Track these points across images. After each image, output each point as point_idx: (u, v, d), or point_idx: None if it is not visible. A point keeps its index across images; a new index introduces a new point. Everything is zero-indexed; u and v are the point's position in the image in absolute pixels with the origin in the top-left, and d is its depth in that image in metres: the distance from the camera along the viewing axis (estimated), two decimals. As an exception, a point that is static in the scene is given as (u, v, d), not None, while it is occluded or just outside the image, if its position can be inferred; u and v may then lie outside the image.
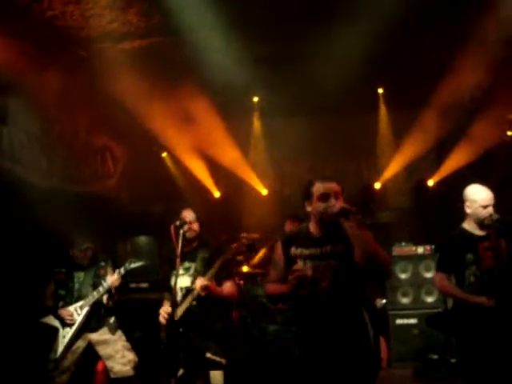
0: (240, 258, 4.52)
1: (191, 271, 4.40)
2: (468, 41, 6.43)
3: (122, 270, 4.99)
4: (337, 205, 3.17)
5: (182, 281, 4.36)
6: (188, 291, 4.29)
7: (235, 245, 4.25)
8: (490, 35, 6.25)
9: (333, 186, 3.27)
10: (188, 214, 4.46)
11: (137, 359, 5.10)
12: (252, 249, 4.29)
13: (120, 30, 6.17)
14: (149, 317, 5.33)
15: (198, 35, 6.02)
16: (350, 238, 3.11)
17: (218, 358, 4.24)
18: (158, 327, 4.37)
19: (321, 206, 3.23)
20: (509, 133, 8.50)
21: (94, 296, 4.97)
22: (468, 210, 4.16)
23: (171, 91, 7.26)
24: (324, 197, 3.23)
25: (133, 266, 5.05)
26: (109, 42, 6.38)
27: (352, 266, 3.15)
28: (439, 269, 4.22)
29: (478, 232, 4.13)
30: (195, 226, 4.46)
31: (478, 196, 4.12)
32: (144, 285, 6.65)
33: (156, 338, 4.44)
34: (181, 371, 4.20)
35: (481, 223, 4.09)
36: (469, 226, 4.17)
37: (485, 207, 4.07)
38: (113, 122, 7.52)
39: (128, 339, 5.19)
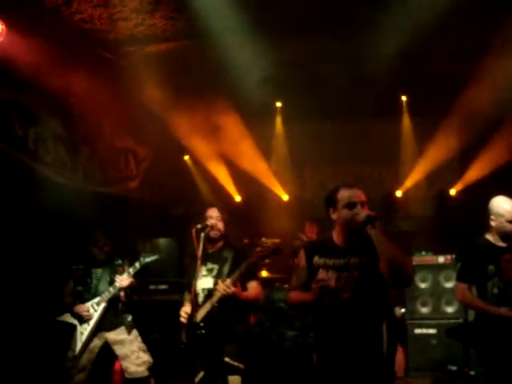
0: (267, 261, 4.49)
1: (214, 272, 4.36)
2: (492, 49, 6.39)
3: (132, 270, 4.98)
4: (362, 212, 3.14)
5: (205, 282, 4.33)
6: (210, 293, 4.26)
7: (260, 248, 4.24)
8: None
9: (359, 193, 3.23)
10: (213, 212, 4.42)
11: (152, 360, 5.10)
12: (278, 252, 4.27)
13: (146, 33, 6.22)
14: (167, 318, 5.38)
15: (223, 39, 6.04)
16: (375, 245, 3.07)
17: (236, 363, 4.24)
18: (176, 329, 4.39)
19: (348, 213, 3.19)
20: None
21: (110, 292, 4.99)
22: (493, 224, 4.12)
23: (196, 95, 7.31)
24: (351, 205, 3.19)
25: (147, 259, 5.03)
26: (135, 45, 6.44)
27: (375, 278, 3.13)
28: (460, 279, 4.19)
29: (501, 243, 4.09)
30: (220, 225, 4.40)
31: (504, 210, 4.08)
32: (163, 286, 6.69)
33: (174, 339, 4.45)
34: (201, 374, 4.19)
35: (504, 236, 4.06)
36: (491, 237, 4.14)
37: (511, 222, 4.04)
38: (137, 125, 7.59)
39: (145, 340, 5.22)
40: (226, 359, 4.21)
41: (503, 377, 3.86)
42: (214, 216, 4.41)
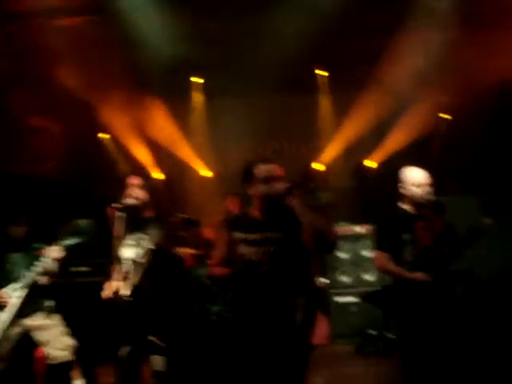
0: (181, 232, 4.44)
1: (141, 242, 4.26)
2: (407, 24, 6.55)
3: (63, 243, 4.81)
4: (281, 185, 3.17)
5: (131, 252, 4.24)
6: (136, 263, 4.17)
7: (171, 220, 4.18)
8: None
9: (275, 168, 3.26)
10: (134, 180, 4.35)
11: (76, 344, 5.00)
12: (190, 224, 4.23)
13: (53, 6, 5.95)
14: (90, 301, 5.26)
15: (136, 14, 5.88)
16: (298, 216, 3.12)
17: (159, 342, 4.19)
18: (100, 310, 4.29)
19: (264, 188, 3.22)
20: (443, 116, 8.76)
21: (28, 277, 4.78)
22: (404, 191, 4.25)
23: (111, 72, 7.09)
24: (266, 179, 3.22)
25: (68, 242, 4.86)
26: (43, 17, 6.15)
27: (293, 251, 3.19)
28: (379, 248, 4.30)
29: (414, 212, 4.22)
30: (141, 194, 4.32)
31: (411, 176, 4.22)
32: (84, 268, 6.54)
33: (98, 321, 4.35)
34: (127, 348, 4.11)
35: (417, 203, 4.20)
36: (406, 206, 4.26)
37: (418, 186, 4.17)
38: (51, 103, 7.30)
39: (68, 324, 5.10)
40: (150, 337, 4.17)
41: (416, 338, 4.03)
42: (135, 184, 4.32)
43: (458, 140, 8.01)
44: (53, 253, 4.76)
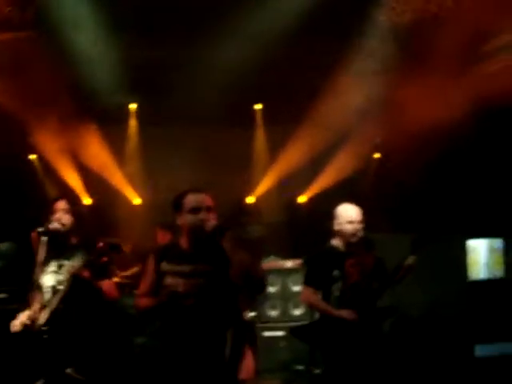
0: (105, 259, 4.29)
1: (65, 269, 4.06)
2: (346, 62, 6.72)
3: None
4: (210, 220, 3.12)
5: (53, 279, 4.05)
6: (55, 291, 3.99)
7: (99, 244, 4.04)
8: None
9: (205, 198, 3.22)
10: (60, 204, 4.17)
11: None
12: (116, 250, 4.10)
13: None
14: (6, 329, 4.98)
15: (73, 34, 5.77)
16: (228, 256, 3.07)
17: (77, 376, 4.01)
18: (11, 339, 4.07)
19: (192, 218, 3.17)
20: (375, 155, 9.00)
21: None
22: (336, 227, 4.29)
23: (45, 91, 6.90)
24: (195, 210, 3.17)
25: None
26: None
27: (222, 284, 3.14)
28: (307, 283, 4.32)
29: (345, 249, 4.27)
30: (65, 219, 4.13)
31: (345, 213, 4.27)
32: (2, 295, 6.23)
33: (15, 351, 4.13)
34: (40, 382, 3.92)
35: (348, 240, 4.24)
36: (336, 242, 4.31)
37: (351, 223, 4.23)
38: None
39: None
40: (68, 370, 3.98)
41: (342, 374, 4.04)
42: (61, 208, 4.16)
43: (390, 179, 8.22)
44: None
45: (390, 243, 4.21)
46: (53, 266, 4.11)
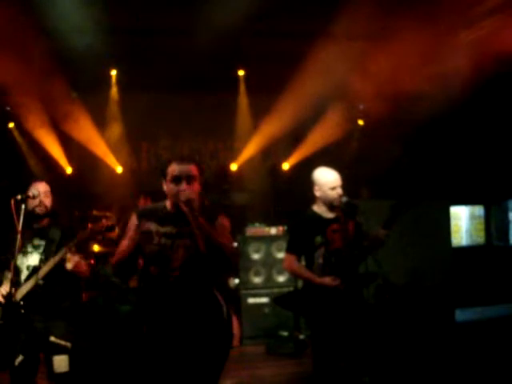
0: (99, 237, 4.31)
1: (41, 249, 4.13)
2: (327, 31, 6.63)
3: None
4: (186, 191, 3.14)
5: (30, 259, 4.10)
6: (35, 270, 4.02)
7: (92, 225, 4.05)
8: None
9: (188, 168, 3.22)
10: (41, 187, 4.17)
11: None
12: (111, 229, 4.12)
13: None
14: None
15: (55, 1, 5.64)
16: (193, 229, 3.10)
17: (62, 342, 4.05)
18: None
19: (172, 188, 3.20)
20: (360, 122, 9.00)
21: None
22: (317, 193, 4.27)
23: (23, 58, 6.75)
24: (176, 179, 3.19)
25: None
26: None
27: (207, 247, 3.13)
28: (289, 250, 4.31)
29: (327, 214, 4.26)
30: (47, 201, 4.18)
31: (326, 179, 4.25)
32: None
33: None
34: (20, 358, 3.95)
35: (330, 205, 4.24)
36: (318, 208, 4.29)
37: (333, 189, 4.21)
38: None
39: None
40: (52, 338, 4.01)
41: (327, 340, 4.08)
42: (41, 191, 4.15)
43: (372, 146, 8.23)
44: None
45: (370, 210, 4.19)
46: (28, 247, 4.14)
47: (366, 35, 6.58)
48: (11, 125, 8.45)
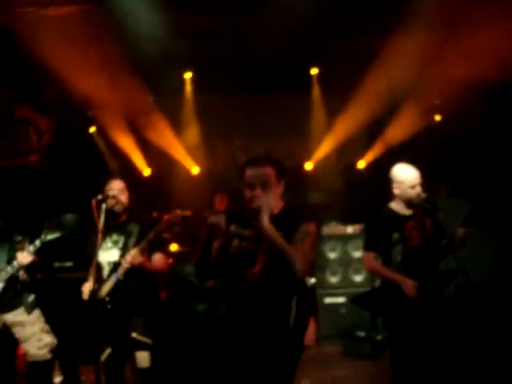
0: (176, 229, 4.42)
1: (120, 244, 4.26)
2: (399, 28, 6.50)
3: (32, 248, 4.66)
4: (259, 198, 3.06)
5: (110, 255, 4.23)
6: (116, 266, 4.15)
7: (168, 216, 4.14)
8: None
9: (262, 173, 3.13)
10: (115, 185, 4.31)
11: (55, 342, 4.84)
12: (186, 222, 4.20)
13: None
14: (73, 297, 5.17)
15: (127, 4, 5.80)
16: (263, 238, 3.04)
17: (144, 339, 4.15)
18: (82, 307, 4.23)
19: (248, 194, 3.13)
20: (436, 117, 8.74)
21: (7, 272, 4.66)
22: (396, 191, 4.18)
23: (102, 63, 6.99)
24: (250, 185, 3.11)
25: (49, 237, 4.71)
26: (32, 6, 6.04)
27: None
28: (367, 248, 4.24)
29: (405, 211, 4.17)
30: (123, 198, 4.30)
31: (405, 176, 4.15)
32: (68, 263, 6.42)
33: (80, 318, 4.29)
34: (107, 351, 4.09)
35: (408, 203, 4.14)
36: (396, 205, 4.21)
37: (413, 187, 4.11)
38: (38, 93, 7.19)
39: (51, 320, 4.98)
40: (134, 335, 4.12)
41: (405, 341, 3.98)
42: (116, 188, 4.27)
43: (449, 142, 7.98)
44: (24, 259, 4.65)
45: (450, 208, 4.06)
46: (108, 243, 4.28)
47: (444, 26, 6.37)
48: (92, 129, 8.76)
